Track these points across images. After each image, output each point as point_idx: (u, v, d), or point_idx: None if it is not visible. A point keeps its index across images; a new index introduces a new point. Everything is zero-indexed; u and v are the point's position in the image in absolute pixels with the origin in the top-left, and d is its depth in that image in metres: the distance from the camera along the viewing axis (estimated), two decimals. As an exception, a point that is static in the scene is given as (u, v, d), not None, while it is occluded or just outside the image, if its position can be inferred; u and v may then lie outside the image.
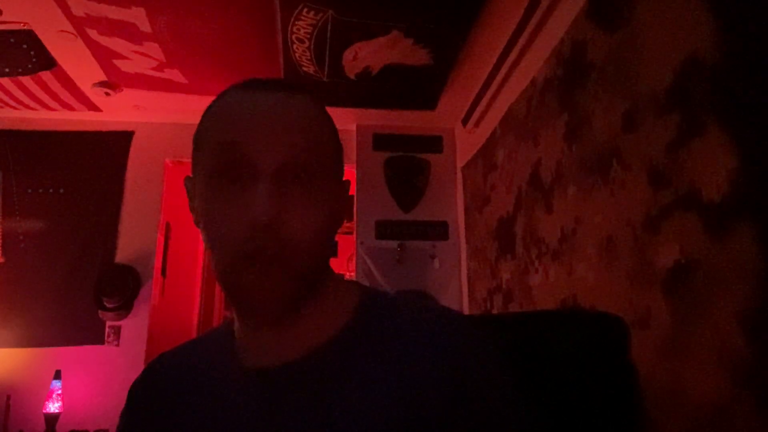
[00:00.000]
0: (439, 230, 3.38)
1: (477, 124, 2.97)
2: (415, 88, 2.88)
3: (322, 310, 0.61)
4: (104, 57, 2.61)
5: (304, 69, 2.59)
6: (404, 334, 0.58)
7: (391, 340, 0.58)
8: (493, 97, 2.64)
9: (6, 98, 3.04)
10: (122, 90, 2.97)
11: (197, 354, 0.68)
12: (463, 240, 3.26)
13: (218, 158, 0.56)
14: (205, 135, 0.59)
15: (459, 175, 3.37)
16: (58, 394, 2.83)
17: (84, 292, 3.10)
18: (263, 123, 0.56)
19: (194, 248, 4.38)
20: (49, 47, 2.53)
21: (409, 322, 0.60)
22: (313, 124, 0.59)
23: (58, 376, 2.88)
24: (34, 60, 2.63)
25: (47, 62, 2.65)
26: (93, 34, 2.40)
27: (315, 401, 0.55)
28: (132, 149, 3.40)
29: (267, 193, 0.53)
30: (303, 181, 0.55)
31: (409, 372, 0.55)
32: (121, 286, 3.10)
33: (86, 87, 2.94)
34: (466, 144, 3.25)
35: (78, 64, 2.68)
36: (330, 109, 0.64)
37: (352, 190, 3.40)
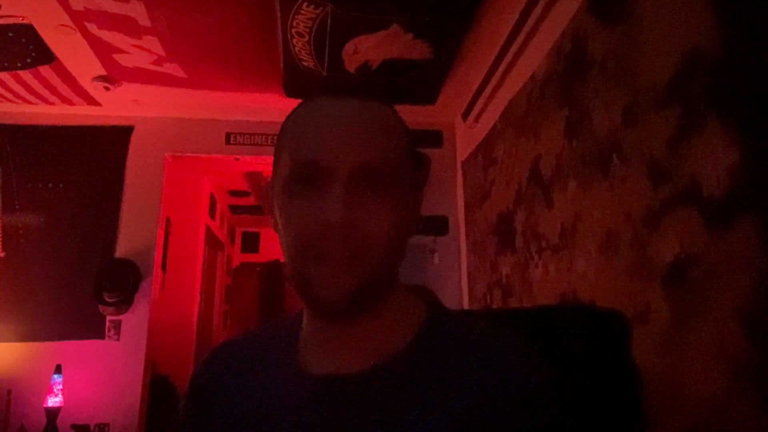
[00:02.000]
0: (439, 225, 3.38)
1: (477, 119, 2.96)
2: (415, 82, 2.87)
3: (388, 321, 0.61)
4: (103, 51, 2.60)
5: (304, 63, 2.58)
6: (470, 355, 0.58)
7: (456, 359, 0.57)
8: (494, 92, 2.63)
9: (5, 93, 3.03)
10: (121, 84, 2.96)
11: (258, 348, 0.69)
12: (463, 235, 3.26)
13: (295, 162, 0.58)
14: (283, 142, 0.62)
15: (459, 169, 3.36)
16: (59, 389, 2.84)
17: (84, 286, 3.10)
18: (338, 128, 0.58)
19: (194, 243, 4.39)
20: (48, 41, 2.52)
21: (476, 342, 0.59)
22: (387, 131, 0.61)
23: (58, 370, 2.88)
24: (33, 54, 2.62)
25: (46, 56, 2.65)
26: (92, 28, 2.39)
27: (375, 416, 0.55)
28: (132, 144, 3.38)
29: (341, 196, 0.55)
30: (376, 186, 0.57)
31: (472, 393, 0.55)
32: (121, 281, 3.10)
33: (85, 81, 2.93)
34: (466, 138, 3.25)
35: (77, 58, 2.67)
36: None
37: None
